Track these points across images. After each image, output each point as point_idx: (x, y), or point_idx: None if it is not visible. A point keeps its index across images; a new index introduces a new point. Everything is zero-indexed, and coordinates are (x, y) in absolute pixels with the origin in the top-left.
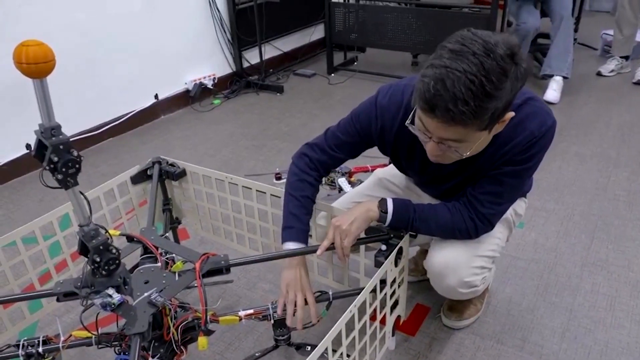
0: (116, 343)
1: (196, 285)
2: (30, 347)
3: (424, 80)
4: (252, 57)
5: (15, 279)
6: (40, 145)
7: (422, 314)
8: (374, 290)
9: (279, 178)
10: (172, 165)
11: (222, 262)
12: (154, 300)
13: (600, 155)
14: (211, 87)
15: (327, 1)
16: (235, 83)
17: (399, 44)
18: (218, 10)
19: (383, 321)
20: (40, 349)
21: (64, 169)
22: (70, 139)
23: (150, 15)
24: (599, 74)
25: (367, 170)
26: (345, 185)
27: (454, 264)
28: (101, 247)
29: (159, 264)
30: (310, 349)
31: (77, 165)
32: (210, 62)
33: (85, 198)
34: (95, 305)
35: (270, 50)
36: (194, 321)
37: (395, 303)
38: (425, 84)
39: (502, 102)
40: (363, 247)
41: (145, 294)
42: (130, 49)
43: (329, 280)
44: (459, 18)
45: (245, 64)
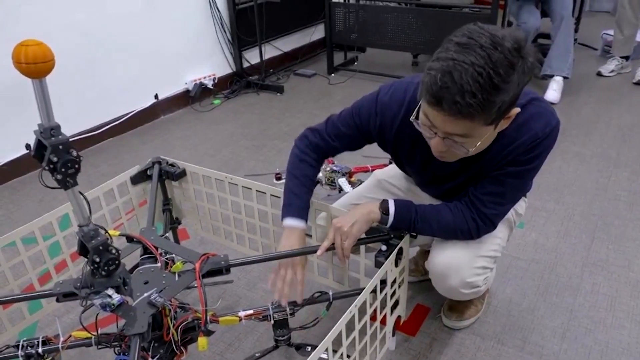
0: (116, 343)
1: (196, 285)
2: (29, 348)
3: (430, 73)
4: (252, 57)
5: (15, 279)
6: (39, 145)
7: (423, 315)
8: (374, 291)
9: (279, 178)
10: (172, 165)
11: (222, 263)
12: (154, 301)
13: (601, 155)
14: (211, 87)
15: (328, 1)
16: (236, 83)
17: (399, 44)
18: (218, 10)
19: (383, 321)
20: (40, 350)
21: (63, 169)
22: (70, 139)
23: (150, 15)
24: (599, 74)
25: (367, 170)
26: (345, 185)
27: (456, 264)
28: (101, 248)
29: (159, 265)
30: (310, 349)
31: (77, 166)
32: (211, 62)
33: (85, 198)
34: (94, 306)
35: (271, 50)
36: (194, 321)
37: (396, 303)
38: (432, 76)
39: (509, 96)
40: (363, 248)
41: (145, 295)
42: (130, 49)
43: (329, 281)
44: (459, 18)
45: (246, 64)
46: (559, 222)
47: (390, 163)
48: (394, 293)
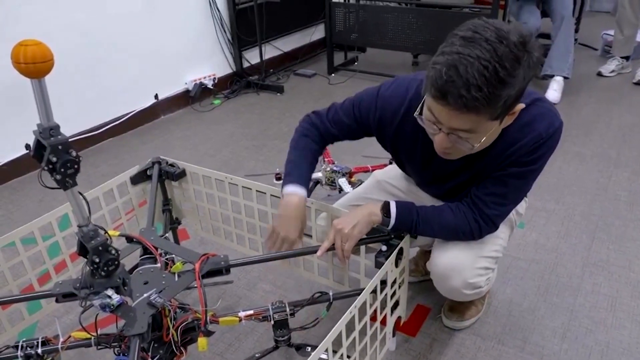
0: (115, 344)
1: (196, 285)
2: (29, 348)
3: (435, 67)
4: (252, 57)
5: (14, 279)
6: (38, 145)
7: (423, 315)
8: (374, 291)
9: (279, 178)
10: (172, 165)
11: (222, 263)
12: (154, 301)
13: (601, 156)
14: (211, 87)
15: (328, 1)
16: (236, 83)
17: (399, 44)
18: (218, 10)
19: (384, 322)
20: (40, 350)
21: (62, 170)
22: (71, 139)
23: (150, 15)
24: (599, 74)
25: (368, 171)
26: (345, 185)
27: (458, 265)
28: (100, 248)
29: (159, 265)
30: (310, 349)
31: (76, 166)
32: (211, 62)
33: (84, 198)
34: (94, 306)
35: (271, 50)
36: (194, 322)
37: (396, 304)
38: (437, 70)
39: (515, 90)
40: (363, 248)
41: (145, 295)
42: (130, 49)
43: (329, 281)
44: (459, 18)
45: (246, 64)
46: (560, 222)
47: (390, 163)
48: (394, 293)
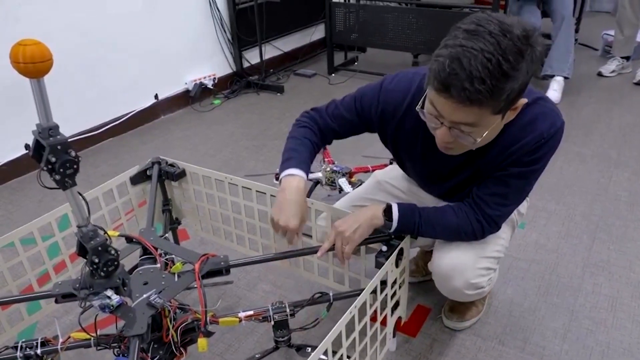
0: (115, 345)
1: (196, 286)
2: (28, 349)
3: (438, 60)
4: (253, 57)
5: (14, 280)
6: (37, 145)
7: (423, 315)
8: (374, 292)
9: (279, 178)
10: (172, 165)
11: (222, 263)
12: (153, 302)
13: (601, 156)
14: (211, 87)
15: (328, 1)
16: (236, 83)
17: (399, 44)
18: (218, 10)
19: (384, 322)
20: (39, 351)
21: (61, 170)
22: (70, 139)
23: (150, 15)
24: (599, 75)
25: (368, 171)
26: (345, 185)
27: (460, 265)
28: (100, 248)
29: (159, 265)
30: (310, 350)
31: (75, 166)
32: (211, 62)
33: (84, 199)
34: (93, 307)
35: (271, 50)
36: (194, 322)
37: (396, 304)
38: (440, 63)
39: (518, 84)
40: (364, 248)
41: (145, 296)
42: (130, 49)
43: (329, 282)
44: (459, 18)
45: (246, 64)
46: (560, 223)
47: (390, 163)
48: (394, 294)
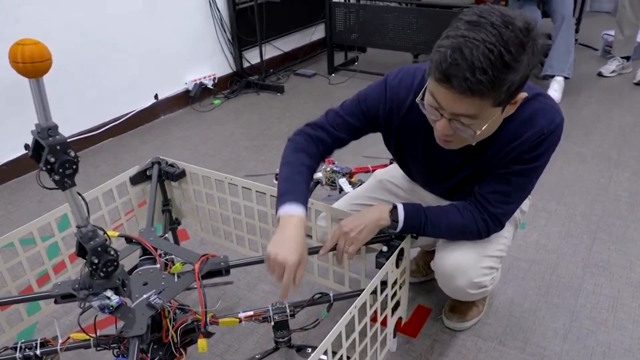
0: (114, 345)
1: (196, 286)
2: (28, 350)
3: (440, 51)
4: (253, 57)
5: (13, 280)
6: (37, 145)
7: (424, 316)
8: (374, 292)
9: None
10: (172, 165)
11: (222, 264)
12: (153, 302)
13: (602, 156)
14: (211, 87)
15: (328, 1)
16: (236, 83)
17: (399, 44)
18: (218, 10)
19: (384, 323)
20: (38, 352)
21: (61, 170)
22: (70, 139)
23: (150, 15)
24: (600, 75)
25: (368, 171)
26: (345, 185)
27: (463, 265)
28: (99, 249)
29: (158, 266)
30: (310, 350)
31: (75, 166)
32: (211, 62)
33: (83, 199)
34: (93, 308)
35: (271, 50)
36: (194, 323)
37: (397, 304)
38: (442, 53)
39: (519, 76)
40: (364, 248)
41: (144, 296)
42: (130, 49)
43: (329, 282)
44: None
45: (246, 64)
46: (560, 223)
47: (390, 163)
48: (394, 294)
